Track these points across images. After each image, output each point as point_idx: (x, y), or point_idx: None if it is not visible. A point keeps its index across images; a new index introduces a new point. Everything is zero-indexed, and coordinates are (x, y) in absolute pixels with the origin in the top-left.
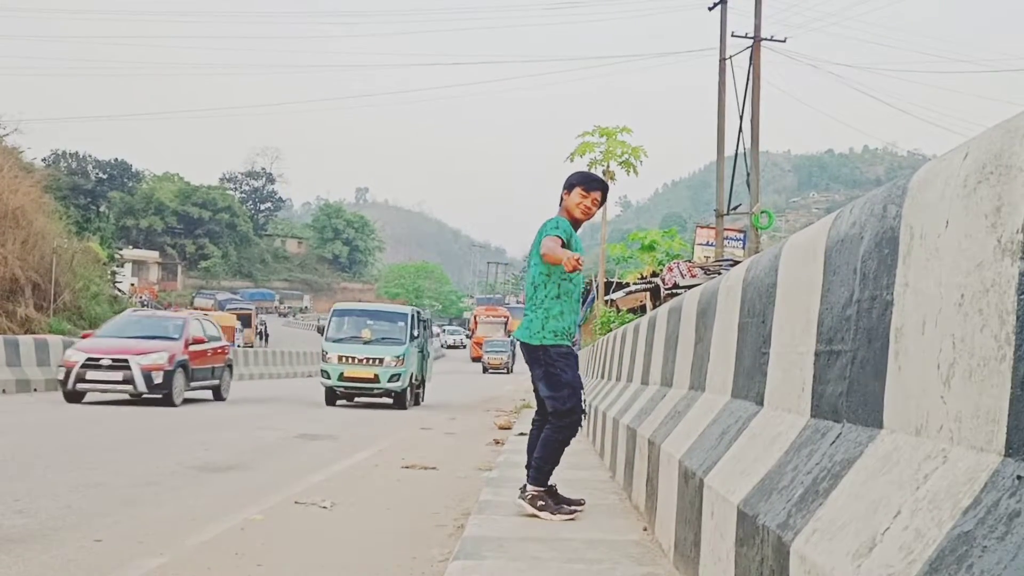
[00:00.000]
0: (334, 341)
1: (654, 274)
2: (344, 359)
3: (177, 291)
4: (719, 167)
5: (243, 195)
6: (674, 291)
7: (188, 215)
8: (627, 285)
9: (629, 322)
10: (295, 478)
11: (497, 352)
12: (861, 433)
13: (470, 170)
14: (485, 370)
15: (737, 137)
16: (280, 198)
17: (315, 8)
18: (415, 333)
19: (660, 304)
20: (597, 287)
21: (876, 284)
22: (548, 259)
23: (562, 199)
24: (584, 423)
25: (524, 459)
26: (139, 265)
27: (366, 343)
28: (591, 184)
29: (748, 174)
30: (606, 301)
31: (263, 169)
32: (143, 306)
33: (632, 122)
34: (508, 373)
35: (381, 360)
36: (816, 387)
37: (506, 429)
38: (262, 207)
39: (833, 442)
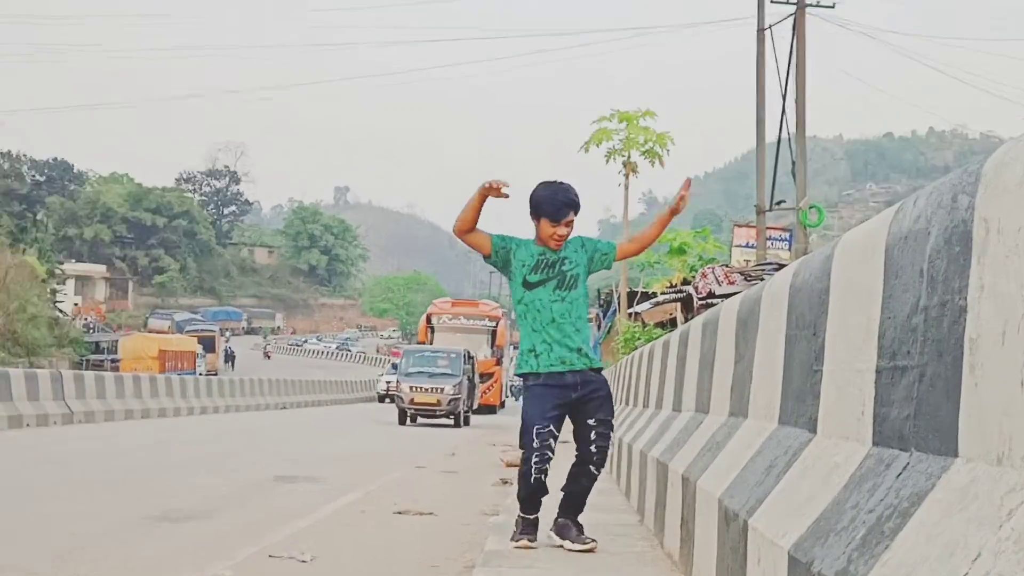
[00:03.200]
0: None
1: (685, 282)
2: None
3: (128, 311)
4: (759, 156)
5: (203, 198)
6: (709, 301)
7: (140, 222)
8: (654, 295)
9: (657, 338)
10: (270, 527)
11: (433, 377)
12: (932, 463)
13: (468, 164)
14: (406, 418)
15: (780, 120)
16: (246, 201)
17: None
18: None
19: (693, 317)
20: (619, 298)
21: (946, 288)
22: (457, 229)
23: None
24: (542, 468)
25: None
26: (83, 281)
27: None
28: (558, 212)
29: (793, 163)
30: (630, 314)
31: (226, 167)
32: (88, 329)
33: (657, 105)
34: (456, 423)
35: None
36: (878, 410)
37: (515, 467)
38: (226, 211)
39: (899, 474)
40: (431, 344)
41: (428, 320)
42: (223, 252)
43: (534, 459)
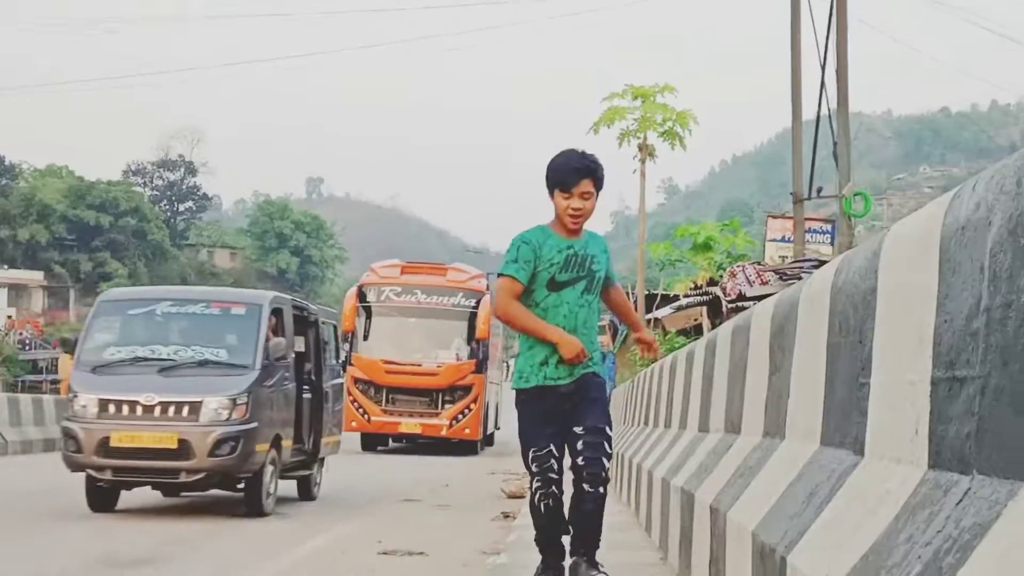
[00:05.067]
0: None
1: (712, 282)
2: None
3: (70, 323)
4: (795, 136)
5: (155, 192)
6: (740, 304)
7: (82, 221)
8: (676, 298)
9: (680, 348)
10: (237, 571)
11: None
12: (998, 488)
13: (458, 150)
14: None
15: (819, 95)
16: (205, 195)
17: None
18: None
19: (721, 322)
20: (636, 302)
21: (1011, 286)
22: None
23: None
24: (549, 493)
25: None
26: (18, 291)
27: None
28: (568, 179)
29: (835, 144)
30: (648, 321)
31: (180, 157)
32: (24, 346)
33: (677, 80)
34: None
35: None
36: (934, 428)
37: (518, 498)
38: (181, 208)
39: (959, 501)
40: (366, 335)
41: (360, 296)
42: (179, 254)
43: (536, 484)
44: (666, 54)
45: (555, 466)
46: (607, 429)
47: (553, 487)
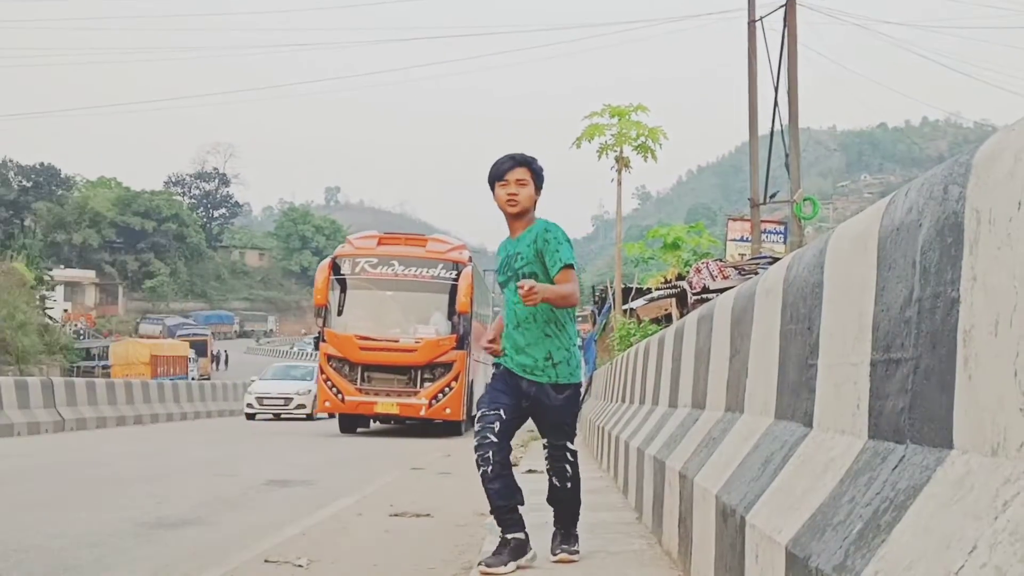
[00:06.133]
0: None
1: (679, 277)
2: None
3: (118, 316)
4: (752, 149)
5: (193, 201)
6: (704, 296)
7: (129, 227)
8: (648, 291)
9: (652, 334)
10: (265, 532)
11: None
12: (928, 455)
13: (461, 162)
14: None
15: (772, 113)
16: (236, 203)
17: None
18: None
19: (688, 312)
20: (614, 295)
21: (939, 279)
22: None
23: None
24: (484, 457)
25: (532, 499)
26: (73, 287)
27: None
28: (501, 168)
29: (787, 156)
30: (624, 311)
31: (215, 169)
32: (78, 336)
33: (649, 100)
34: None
35: None
36: (873, 403)
37: (512, 467)
38: (216, 214)
39: (895, 467)
40: (340, 310)
41: (334, 268)
42: (213, 255)
43: (474, 443)
44: (642, 78)
45: (496, 428)
46: (568, 443)
47: (490, 452)
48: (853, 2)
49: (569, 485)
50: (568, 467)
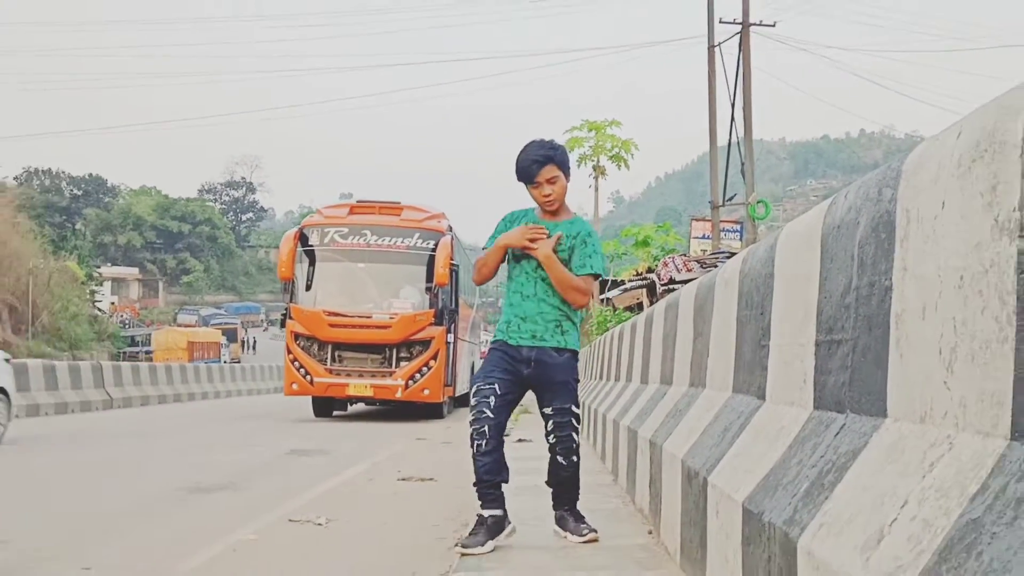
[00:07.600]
0: None
1: (649, 270)
2: None
3: (159, 308)
4: (712, 158)
5: (223, 206)
6: (670, 287)
7: (167, 229)
8: (622, 283)
9: (626, 321)
10: (288, 496)
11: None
12: (865, 423)
13: (462, 165)
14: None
15: (730, 126)
16: (262, 208)
17: (297, 10)
18: None
19: (657, 301)
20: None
21: (874, 270)
22: (475, 279)
23: None
24: (480, 431)
25: (523, 465)
26: (119, 283)
27: None
28: (530, 171)
29: (743, 164)
30: (602, 300)
31: (243, 179)
32: (124, 325)
33: (622, 115)
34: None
35: None
36: (818, 378)
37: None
38: (244, 218)
39: (837, 434)
40: (308, 285)
41: (301, 238)
42: (242, 254)
43: (470, 421)
44: (616, 97)
45: (492, 403)
46: (573, 407)
47: (486, 427)
48: (799, 29)
49: (575, 459)
50: (574, 435)
